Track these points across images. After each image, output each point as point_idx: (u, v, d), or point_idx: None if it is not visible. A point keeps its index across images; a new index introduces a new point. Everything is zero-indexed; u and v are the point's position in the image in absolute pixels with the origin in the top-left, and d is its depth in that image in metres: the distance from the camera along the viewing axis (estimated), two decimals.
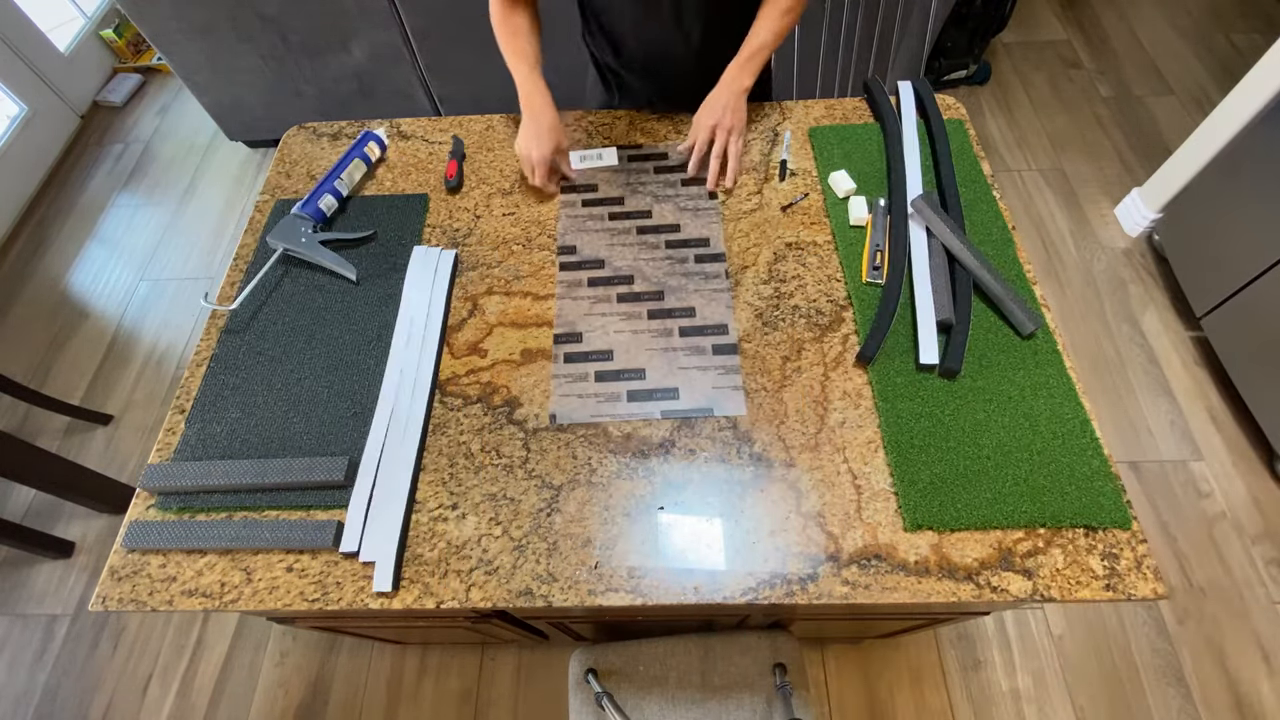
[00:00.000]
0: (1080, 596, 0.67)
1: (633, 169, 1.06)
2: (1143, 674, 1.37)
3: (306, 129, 1.16)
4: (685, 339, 0.88)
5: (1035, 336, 0.83)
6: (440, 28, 1.90)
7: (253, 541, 0.74)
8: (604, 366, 0.86)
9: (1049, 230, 2.03)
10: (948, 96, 1.10)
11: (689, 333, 0.88)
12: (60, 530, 1.66)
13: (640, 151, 1.08)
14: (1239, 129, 1.60)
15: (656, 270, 0.95)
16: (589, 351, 0.87)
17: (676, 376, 0.84)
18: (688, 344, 0.87)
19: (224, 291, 0.97)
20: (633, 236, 0.99)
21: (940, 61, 2.29)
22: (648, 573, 0.71)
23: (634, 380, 0.85)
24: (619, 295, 0.93)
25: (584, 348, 0.88)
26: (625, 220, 1.00)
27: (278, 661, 1.48)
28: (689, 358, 0.86)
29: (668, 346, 0.87)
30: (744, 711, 0.93)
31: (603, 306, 0.92)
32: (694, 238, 0.97)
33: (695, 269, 0.94)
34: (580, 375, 0.85)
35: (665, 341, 0.88)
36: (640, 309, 0.91)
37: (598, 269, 0.95)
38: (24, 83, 2.38)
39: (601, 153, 1.07)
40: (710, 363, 0.85)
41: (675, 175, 1.04)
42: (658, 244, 0.98)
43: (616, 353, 0.87)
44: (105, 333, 2.03)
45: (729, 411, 0.81)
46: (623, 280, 0.94)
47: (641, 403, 0.83)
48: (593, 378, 0.85)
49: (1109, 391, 1.71)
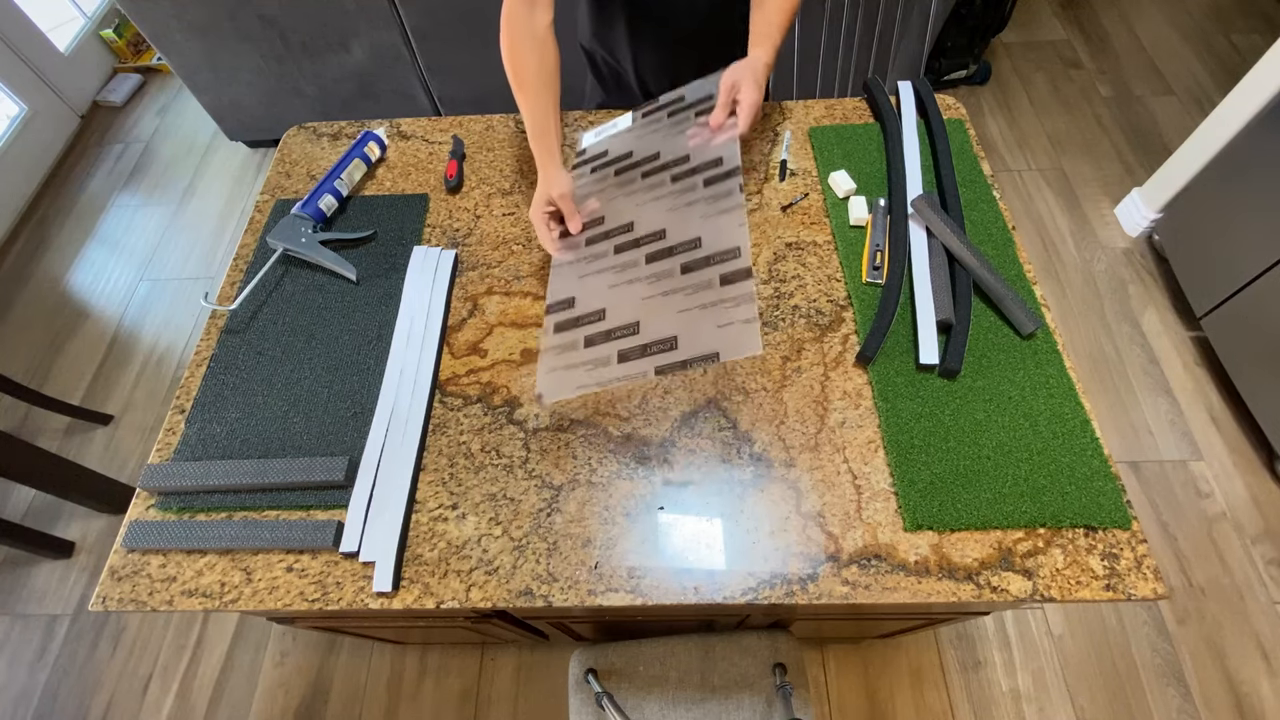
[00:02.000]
0: (1080, 596, 0.67)
1: (646, 123, 0.96)
2: (1143, 674, 1.37)
3: (306, 129, 1.16)
4: (688, 276, 0.75)
5: (1035, 336, 0.83)
6: (440, 28, 1.90)
7: (253, 541, 0.74)
8: (594, 329, 0.76)
9: (1049, 230, 2.03)
10: (948, 96, 1.10)
11: (692, 267, 0.76)
12: (60, 530, 1.66)
13: (654, 105, 0.98)
14: (1239, 129, 1.60)
15: (659, 208, 0.83)
16: (580, 316, 0.78)
17: (675, 322, 0.72)
18: (690, 281, 0.75)
19: (224, 291, 0.97)
20: (637, 183, 0.88)
21: (940, 61, 2.30)
22: (648, 573, 0.71)
23: (626, 338, 0.73)
24: (616, 246, 0.82)
25: (575, 312, 0.78)
26: (630, 171, 0.91)
27: (278, 661, 1.48)
28: (690, 297, 0.74)
29: (667, 289, 0.75)
30: (744, 711, 0.93)
31: (598, 264, 0.82)
32: (704, 162, 0.85)
33: (704, 193, 0.82)
34: (569, 344, 0.76)
35: (664, 284, 0.76)
36: (638, 255, 0.80)
37: (597, 225, 0.86)
38: (24, 83, 2.38)
39: (616, 121, 0.99)
40: (718, 296, 0.72)
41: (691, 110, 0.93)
42: (663, 180, 0.86)
43: (609, 311, 0.76)
44: (105, 333, 2.04)
45: (741, 352, 0.66)
46: (622, 230, 0.84)
47: (633, 361, 0.71)
48: (582, 344, 0.75)
49: (1109, 391, 1.71)
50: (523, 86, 0.90)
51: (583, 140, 0.99)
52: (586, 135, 1.00)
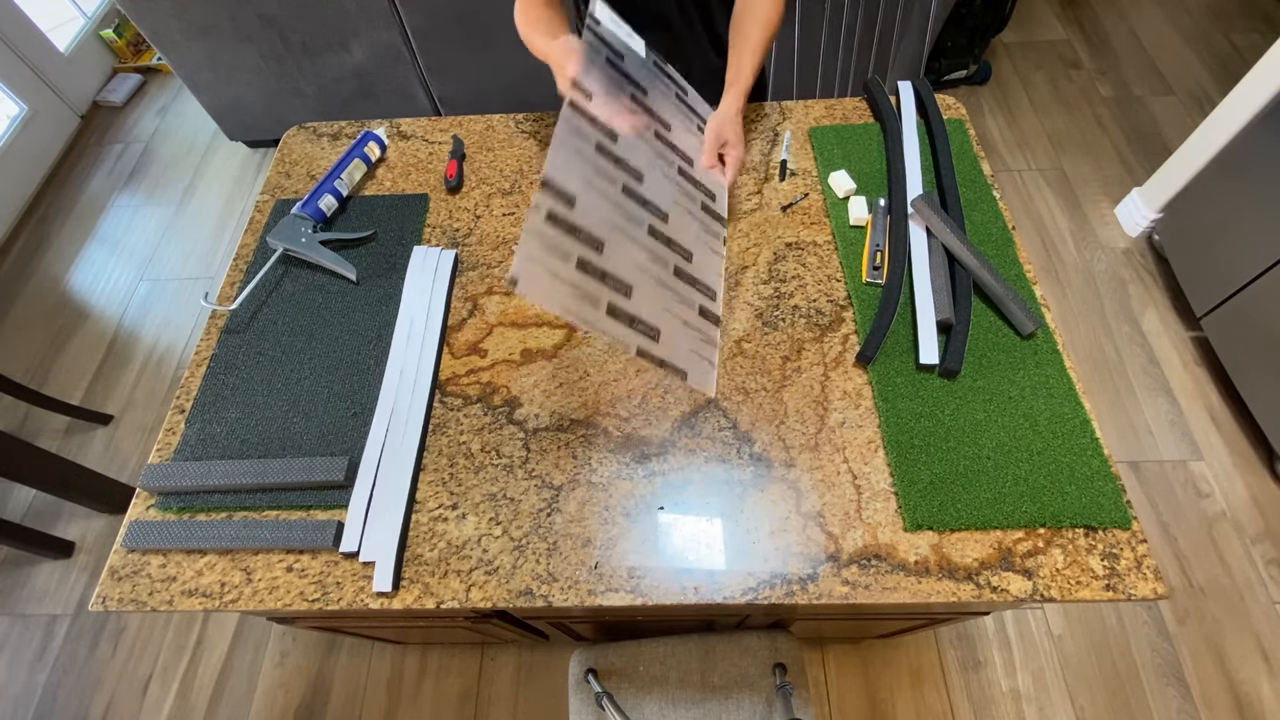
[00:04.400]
0: (1080, 596, 0.67)
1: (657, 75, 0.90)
2: (1143, 674, 1.37)
3: (306, 129, 1.16)
4: (678, 281, 0.78)
5: (1035, 336, 0.83)
6: (440, 28, 1.90)
7: (253, 541, 0.74)
8: (591, 256, 0.68)
9: (1049, 230, 2.03)
10: (948, 96, 1.10)
11: (683, 277, 0.79)
12: (60, 530, 1.66)
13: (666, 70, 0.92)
14: (1239, 129, 1.60)
15: (668, 186, 0.81)
16: (578, 227, 0.67)
17: (661, 317, 0.73)
18: (679, 290, 0.78)
19: (224, 291, 0.97)
20: (651, 141, 0.83)
21: (940, 61, 2.30)
22: (648, 573, 0.71)
23: (618, 294, 0.69)
24: (625, 187, 0.75)
25: (574, 219, 0.67)
26: (647, 115, 0.84)
27: (278, 662, 1.48)
28: (677, 305, 0.77)
29: (662, 279, 0.75)
30: (744, 711, 0.93)
31: (605, 185, 0.73)
32: (705, 184, 0.89)
33: (700, 215, 0.86)
34: (560, 250, 0.65)
35: (660, 272, 0.76)
36: (643, 216, 0.76)
37: (610, 139, 0.75)
38: (24, 83, 2.38)
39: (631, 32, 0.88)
40: (694, 322, 0.78)
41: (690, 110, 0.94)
42: (673, 161, 0.85)
43: (607, 249, 0.69)
44: (105, 333, 2.04)
45: (701, 387, 0.77)
46: (632, 173, 0.77)
47: (621, 324, 0.68)
48: (575, 262, 0.66)
49: (1109, 391, 1.71)
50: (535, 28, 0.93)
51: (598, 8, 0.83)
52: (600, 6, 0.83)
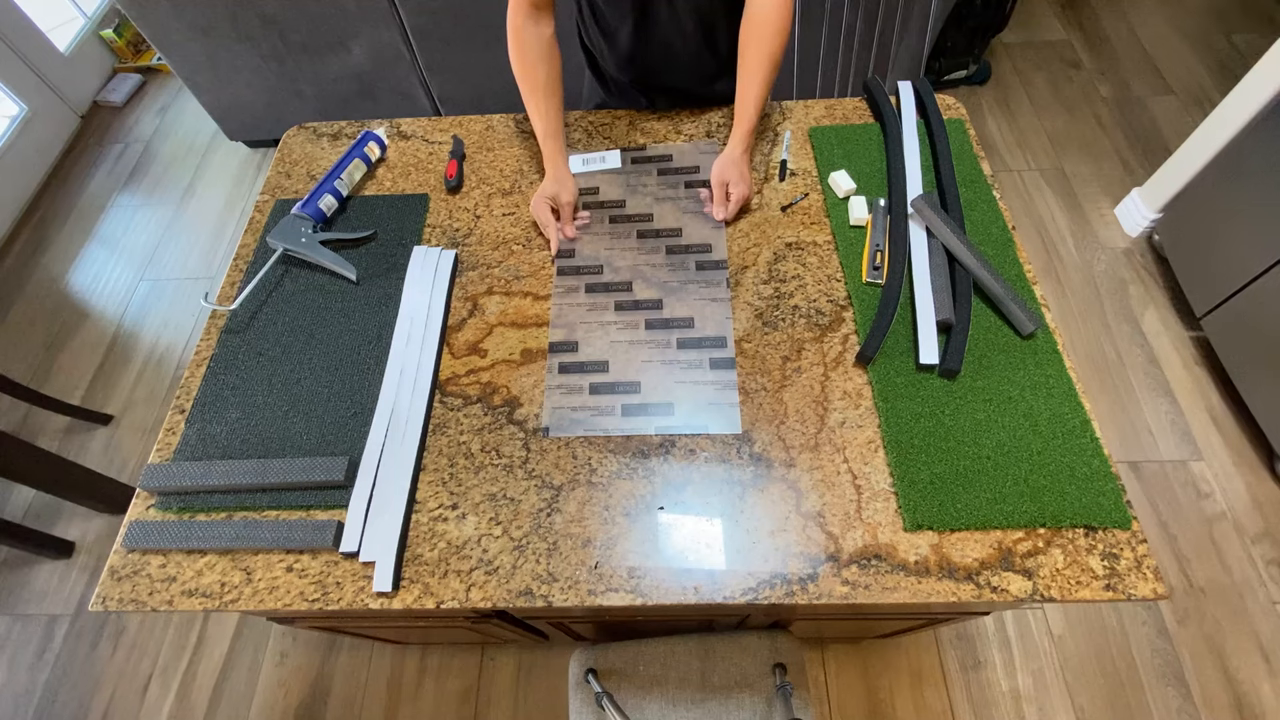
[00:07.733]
0: (1080, 596, 0.67)
1: (636, 170, 1.05)
2: (1143, 674, 1.37)
3: (306, 129, 1.16)
4: (683, 351, 0.86)
5: (1035, 336, 0.83)
6: (440, 28, 1.90)
7: (253, 541, 0.74)
8: (599, 378, 0.84)
9: (1049, 230, 2.03)
10: (948, 96, 1.10)
11: (687, 345, 0.86)
12: (60, 530, 1.66)
13: (644, 153, 1.06)
14: (1239, 129, 1.60)
15: (656, 275, 0.93)
16: (584, 362, 0.86)
17: (673, 391, 0.83)
18: (684, 358, 0.85)
19: (224, 291, 0.97)
20: (633, 240, 0.97)
21: (940, 61, 2.29)
22: (648, 573, 0.71)
23: (629, 394, 0.83)
24: (617, 303, 0.91)
25: (579, 357, 0.86)
26: (626, 224, 0.99)
27: (278, 661, 1.48)
28: (686, 371, 0.84)
29: (665, 359, 0.86)
30: (744, 711, 0.93)
31: (600, 314, 0.90)
32: (696, 243, 0.96)
33: (696, 276, 0.93)
34: (575, 387, 0.84)
35: (663, 354, 0.86)
36: (638, 318, 0.89)
37: (596, 275, 0.94)
38: (24, 83, 2.38)
39: (604, 155, 1.06)
40: (706, 377, 0.84)
41: (679, 177, 1.03)
42: (658, 248, 0.96)
43: (612, 364, 0.85)
44: (105, 333, 2.03)
45: (722, 430, 0.79)
46: (621, 287, 0.92)
47: (636, 417, 0.81)
48: (587, 390, 0.83)
49: (1109, 391, 1.71)
50: (535, 92, 0.98)
51: (571, 166, 1.03)
52: (574, 160, 1.05)
